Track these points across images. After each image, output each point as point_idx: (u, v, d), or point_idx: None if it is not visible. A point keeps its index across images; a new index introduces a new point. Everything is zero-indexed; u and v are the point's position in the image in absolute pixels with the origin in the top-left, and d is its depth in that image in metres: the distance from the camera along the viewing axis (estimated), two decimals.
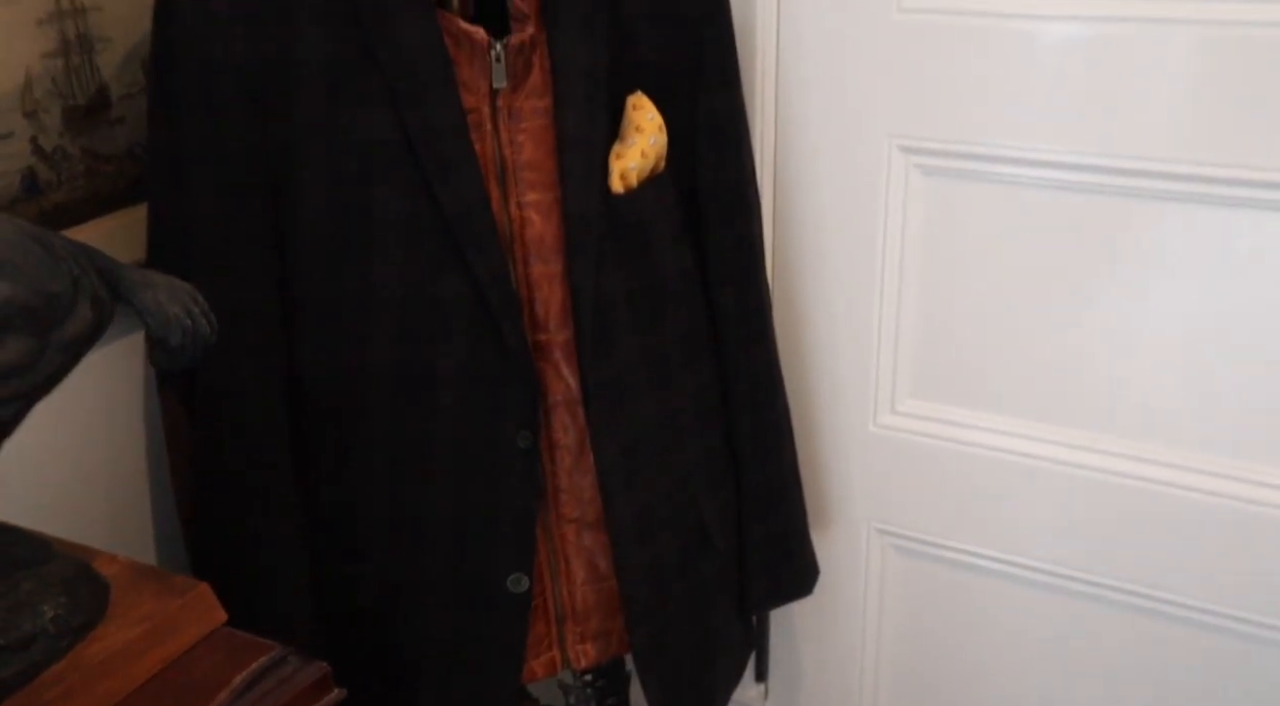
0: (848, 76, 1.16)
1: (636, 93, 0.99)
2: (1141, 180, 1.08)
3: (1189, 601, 1.19)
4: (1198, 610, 1.19)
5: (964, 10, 1.09)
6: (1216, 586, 1.17)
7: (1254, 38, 0.99)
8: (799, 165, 1.22)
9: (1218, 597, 1.17)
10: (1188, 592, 1.19)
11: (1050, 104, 1.08)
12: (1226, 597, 1.17)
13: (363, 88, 0.89)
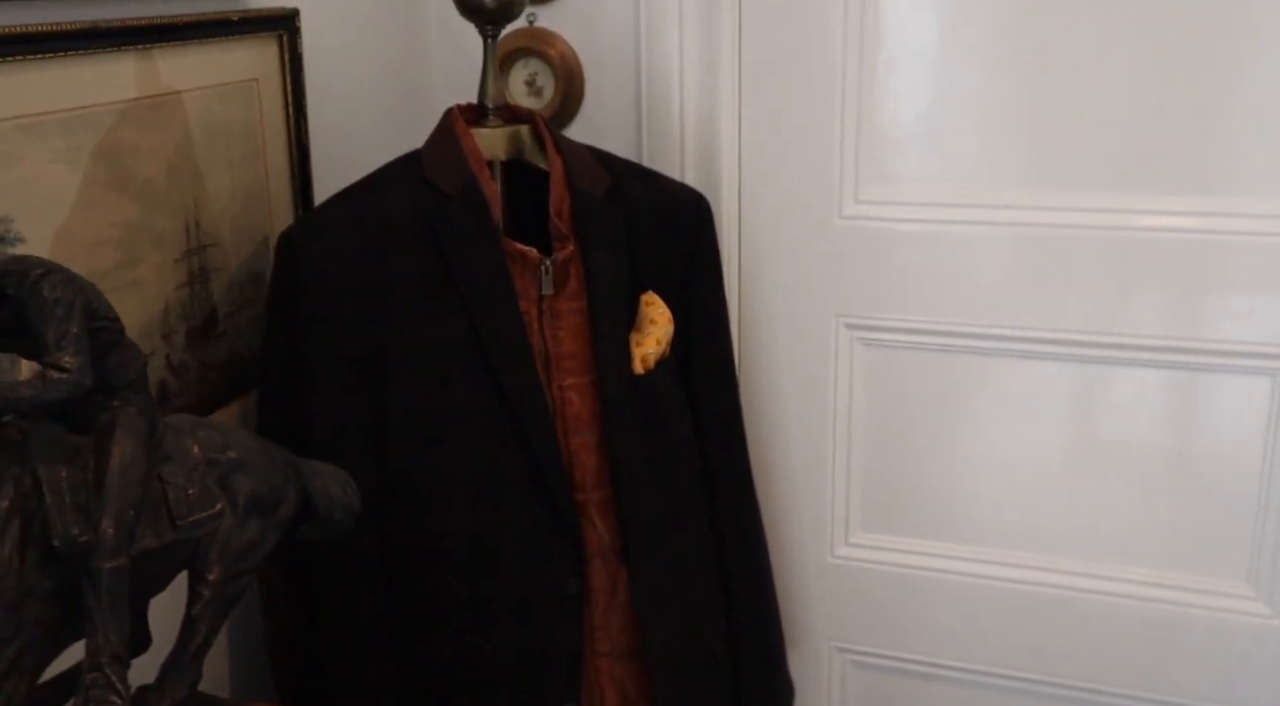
0: (800, 269, 1.43)
1: (649, 292, 1.22)
2: (1014, 344, 1.37)
3: (1112, 690, 1.43)
4: (1123, 696, 1.43)
5: (888, 217, 1.38)
6: (1124, 672, 1.42)
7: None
8: (761, 342, 1.47)
9: (1136, 684, 1.42)
10: (1110, 682, 1.43)
11: (951, 287, 1.36)
12: (1145, 683, 1.42)
13: (443, 299, 1.09)
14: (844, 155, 1.37)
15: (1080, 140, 1.29)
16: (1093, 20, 1.25)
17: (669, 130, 1.40)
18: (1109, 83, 1.26)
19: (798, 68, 1.36)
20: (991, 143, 1.32)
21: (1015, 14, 1.27)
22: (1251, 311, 1.26)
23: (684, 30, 1.37)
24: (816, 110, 1.37)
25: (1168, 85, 1.24)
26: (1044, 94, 1.29)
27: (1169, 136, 1.26)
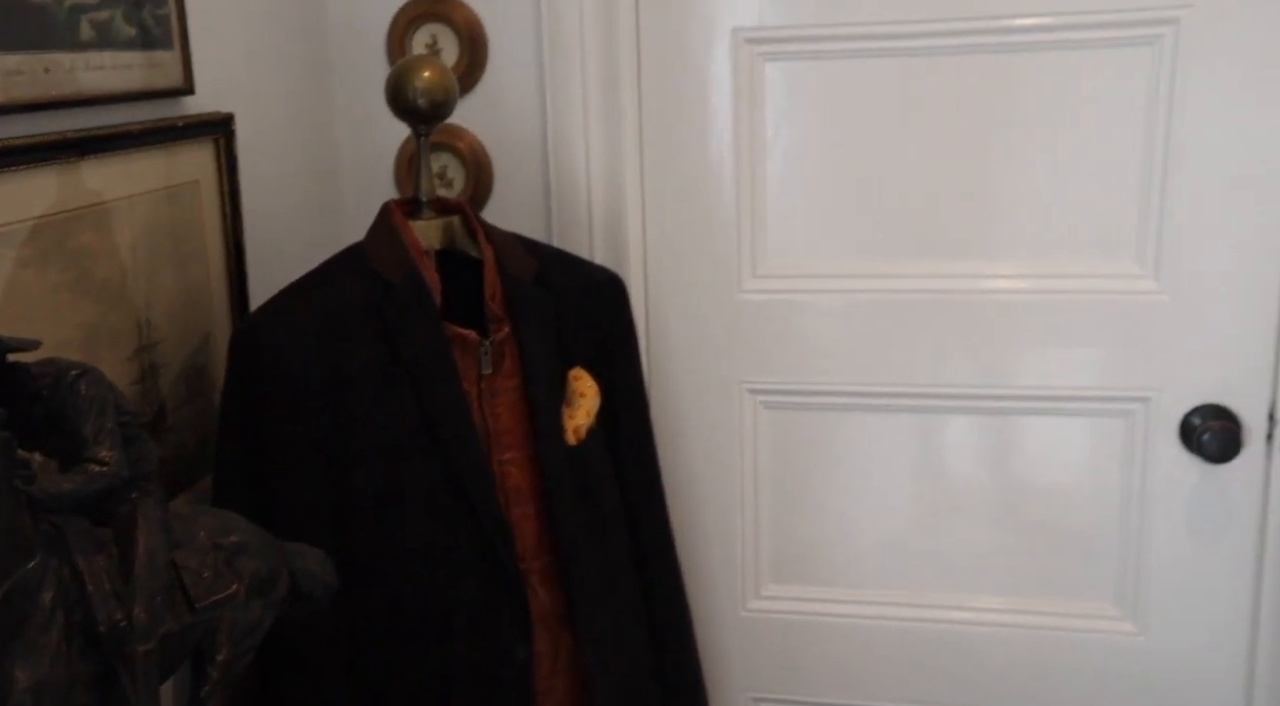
0: (705, 341, 1.53)
1: (577, 368, 1.31)
2: (889, 400, 1.50)
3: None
4: None
5: (782, 289, 1.50)
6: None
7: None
8: (672, 410, 1.56)
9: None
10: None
11: (834, 350, 1.49)
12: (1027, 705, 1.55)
13: (394, 382, 1.15)
14: (740, 235, 1.50)
15: (932, 217, 1.45)
16: (934, 119, 1.41)
17: (578, 215, 1.50)
18: (949, 169, 1.43)
19: (695, 156, 1.48)
20: (861, 221, 1.47)
21: (874, 114, 1.43)
22: (1104, 359, 1.43)
23: (589, 122, 1.47)
24: (714, 194, 1.49)
25: (995, 174, 1.41)
26: (902, 179, 1.44)
27: (1002, 210, 1.42)
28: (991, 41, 1.38)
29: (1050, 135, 1.39)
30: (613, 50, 1.45)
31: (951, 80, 1.40)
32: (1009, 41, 1.38)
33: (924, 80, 1.41)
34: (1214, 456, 1.39)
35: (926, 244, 1.46)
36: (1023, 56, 1.38)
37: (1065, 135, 1.39)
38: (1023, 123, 1.40)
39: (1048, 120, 1.39)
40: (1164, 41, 1.33)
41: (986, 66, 1.39)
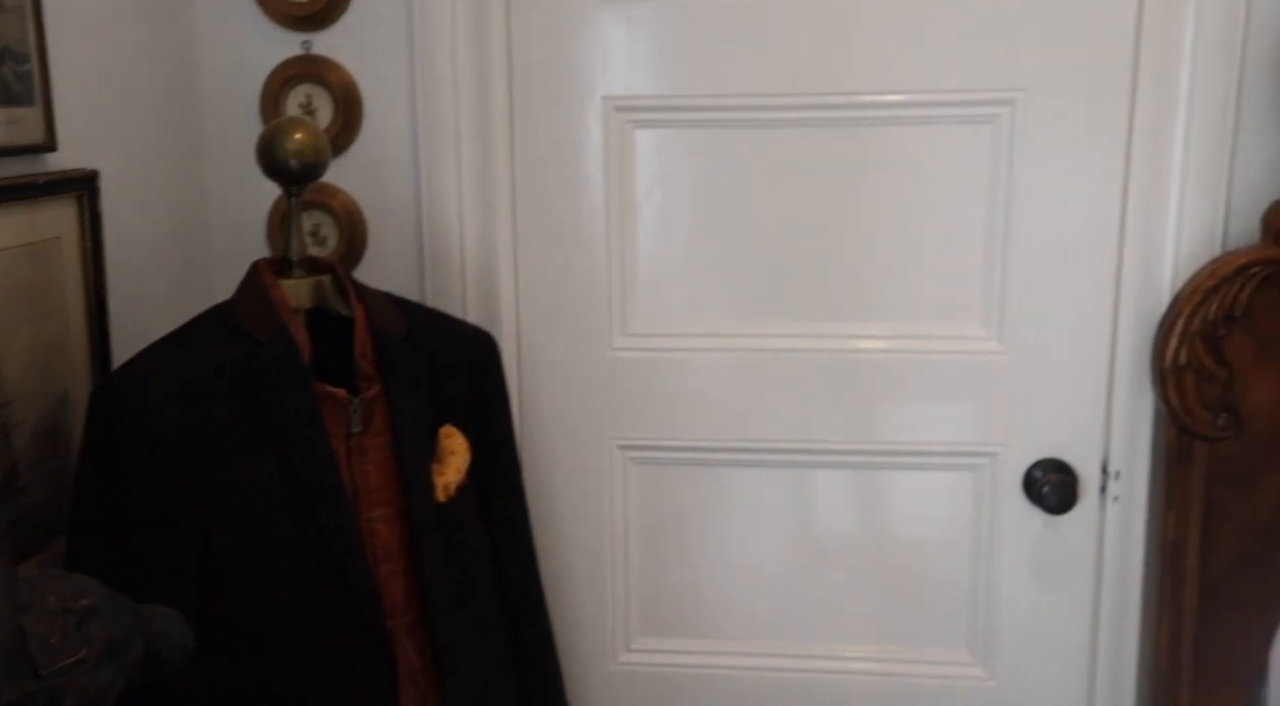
0: (576, 398, 1.57)
1: (447, 425, 1.32)
2: (752, 455, 1.55)
3: None
4: None
5: (652, 347, 1.55)
6: None
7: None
8: (543, 467, 1.58)
9: None
10: None
11: (702, 407, 1.54)
12: None
13: (260, 442, 1.15)
14: (611, 294, 1.54)
15: (798, 279, 1.51)
16: (797, 186, 1.48)
17: (451, 274, 1.53)
18: (813, 234, 1.49)
19: (568, 217, 1.52)
20: (729, 282, 1.53)
21: (741, 180, 1.49)
22: (953, 416, 1.51)
23: (463, 183, 1.50)
24: (586, 255, 1.53)
25: (855, 240, 1.49)
26: (768, 242, 1.51)
27: (862, 274, 1.50)
28: (848, 115, 1.46)
29: (904, 204, 1.47)
30: (486, 113, 1.49)
31: (812, 150, 1.48)
32: (864, 116, 1.46)
33: (786, 149, 1.48)
34: (1054, 508, 1.47)
35: (792, 305, 1.52)
36: (877, 130, 1.46)
37: (918, 205, 1.47)
38: (879, 192, 1.48)
39: (902, 190, 1.47)
40: (1002, 121, 1.42)
41: (844, 138, 1.47)
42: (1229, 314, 1.36)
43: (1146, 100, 1.39)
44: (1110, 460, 1.48)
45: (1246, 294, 1.36)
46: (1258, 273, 1.35)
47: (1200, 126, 1.37)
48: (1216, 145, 1.38)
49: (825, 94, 1.46)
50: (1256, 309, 1.36)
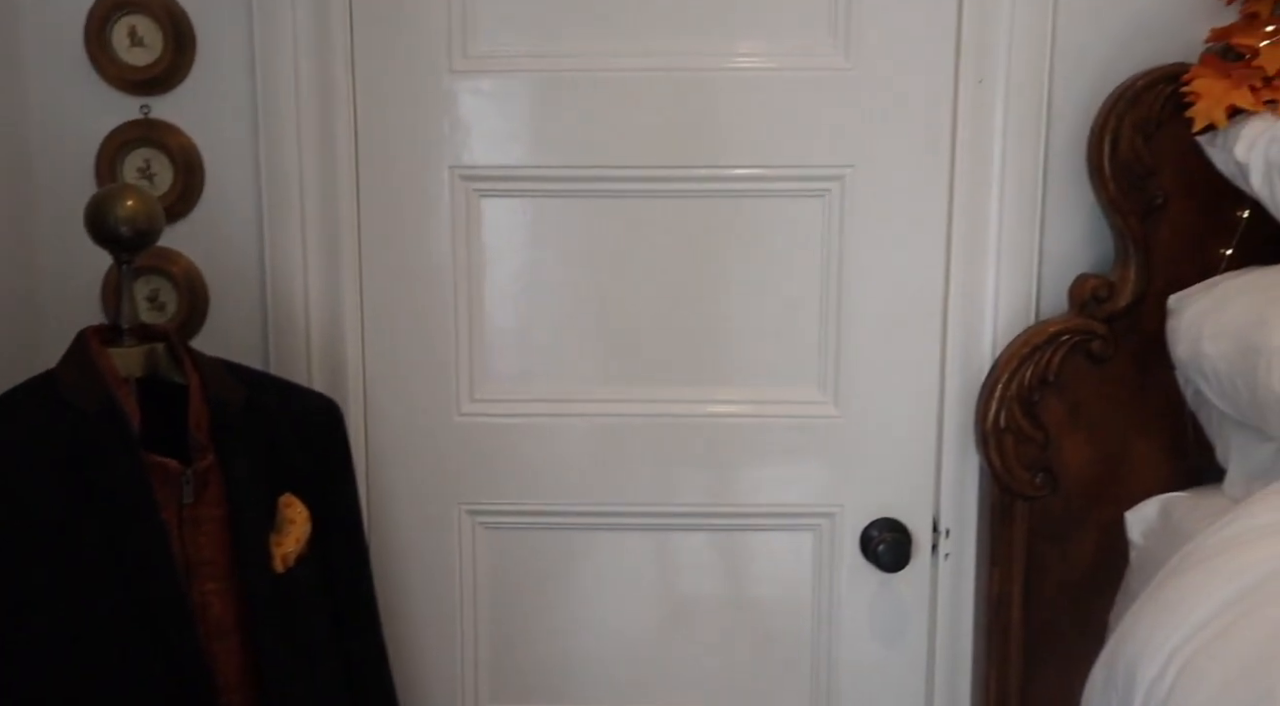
0: (424, 464, 1.56)
1: (287, 494, 1.30)
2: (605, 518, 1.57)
3: None
4: None
5: (499, 413, 1.56)
6: None
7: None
8: (390, 533, 1.57)
9: None
10: None
11: (553, 471, 1.55)
12: None
13: (85, 516, 1.11)
14: (459, 359, 1.55)
15: (646, 345, 1.55)
16: (644, 254, 1.52)
17: (295, 341, 1.51)
18: (660, 301, 1.53)
19: (415, 284, 1.53)
20: (579, 348, 1.55)
21: (588, 248, 1.53)
22: (792, 479, 1.56)
23: (307, 249, 1.50)
24: (434, 321, 1.53)
25: (700, 307, 1.53)
26: (618, 309, 1.54)
27: (709, 339, 1.54)
28: (692, 187, 1.51)
29: (748, 273, 1.52)
30: (333, 180, 1.49)
31: (659, 220, 1.52)
32: (706, 188, 1.51)
33: (635, 219, 1.52)
34: (889, 566, 1.53)
35: (642, 370, 1.55)
36: (720, 201, 1.52)
37: (760, 274, 1.52)
38: (725, 261, 1.53)
39: (745, 260, 1.53)
40: (832, 195, 1.50)
41: (690, 209, 1.52)
42: (1043, 379, 1.45)
43: (964, 179, 1.48)
44: (941, 518, 1.55)
45: (1057, 360, 1.45)
46: (1066, 340, 1.45)
47: (1012, 205, 1.47)
48: (1027, 222, 1.47)
49: (670, 166, 1.51)
50: (1067, 374, 1.45)
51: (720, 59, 1.48)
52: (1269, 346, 1.19)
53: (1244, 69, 1.33)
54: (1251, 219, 1.38)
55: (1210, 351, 1.29)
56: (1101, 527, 1.47)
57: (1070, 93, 1.46)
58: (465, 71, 1.48)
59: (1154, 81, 1.40)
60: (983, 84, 1.45)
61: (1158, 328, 1.41)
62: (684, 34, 1.48)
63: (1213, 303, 1.33)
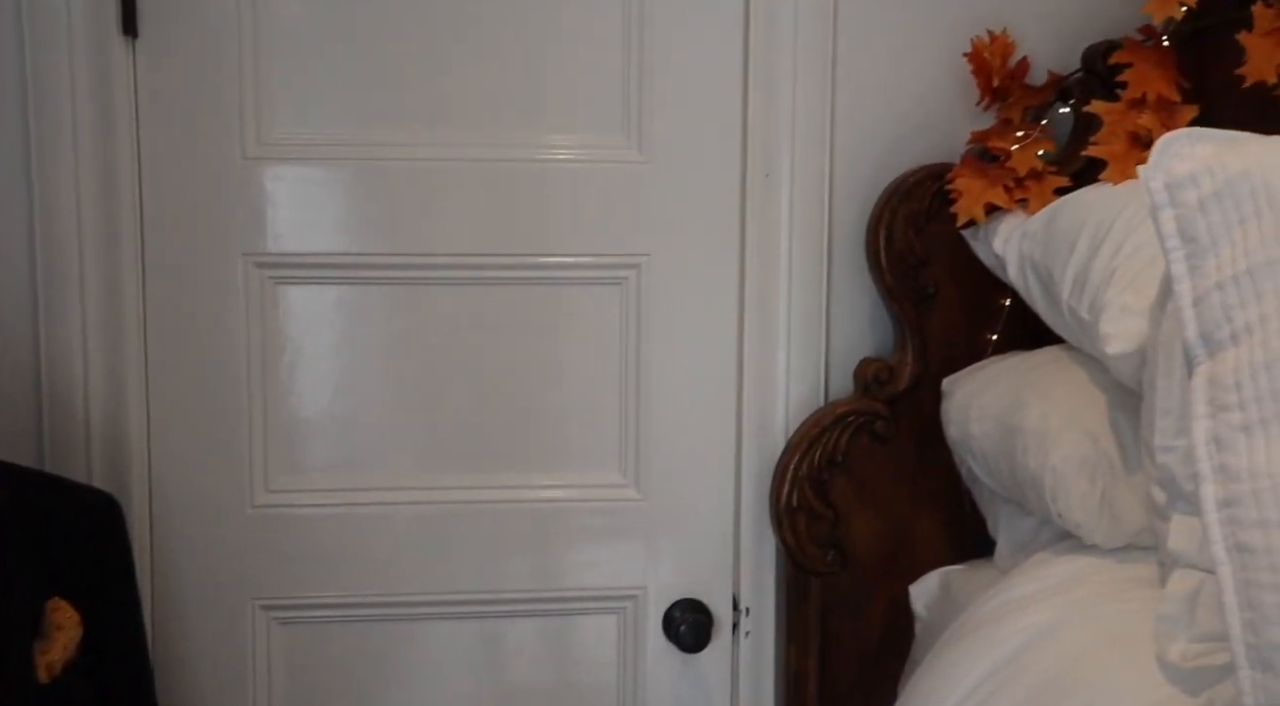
0: (215, 559, 1.50)
1: (55, 598, 1.23)
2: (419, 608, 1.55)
3: None
4: None
5: (298, 504, 1.52)
6: None
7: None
8: (176, 631, 1.50)
9: None
10: None
11: (358, 562, 1.52)
12: None
13: None
14: (253, 449, 1.50)
15: (454, 431, 1.54)
16: (442, 340, 1.52)
17: (73, 436, 1.44)
18: (473, 388, 1.54)
19: (207, 372, 1.49)
20: (384, 434, 1.53)
21: (385, 333, 1.52)
22: (596, 562, 1.57)
23: (87, 337, 1.44)
24: (224, 409, 1.49)
25: (497, 394, 1.54)
26: (417, 394, 1.53)
27: (511, 424, 1.55)
28: (497, 275, 1.53)
29: (552, 359, 1.54)
30: (115, 266, 1.44)
31: (466, 307, 1.53)
32: (511, 276, 1.53)
33: (442, 305, 1.52)
34: (691, 646, 1.55)
35: (453, 456, 1.54)
36: (526, 289, 1.53)
37: (564, 360, 1.54)
38: (531, 347, 1.54)
39: (550, 346, 1.54)
40: (629, 283, 1.54)
41: (496, 296, 1.53)
42: (831, 459, 1.51)
43: (754, 268, 1.54)
44: (741, 597, 1.58)
45: (844, 441, 1.51)
46: (852, 421, 1.51)
47: (800, 292, 1.54)
48: (814, 309, 1.55)
49: (477, 254, 1.52)
50: (853, 454, 1.51)
51: (525, 151, 1.51)
52: (1024, 428, 1.27)
53: (999, 170, 1.44)
54: (1013, 306, 1.49)
55: (977, 432, 1.37)
56: (890, 601, 1.53)
57: (850, 187, 1.55)
58: (260, 157, 1.47)
59: (923, 179, 1.50)
60: (769, 178, 1.53)
61: (935, 408, 1.49)
62: (489, 125, 1.50)
63: (979, 385, 1.41)
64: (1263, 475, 0.86)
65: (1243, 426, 0.88)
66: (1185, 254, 0.94)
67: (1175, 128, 1.34)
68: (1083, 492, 1.20)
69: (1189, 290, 0.94)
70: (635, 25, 1.50)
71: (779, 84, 1.51)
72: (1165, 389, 1.05)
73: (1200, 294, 0.93)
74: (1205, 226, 0.93)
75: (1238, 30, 1.35)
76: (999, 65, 1.49)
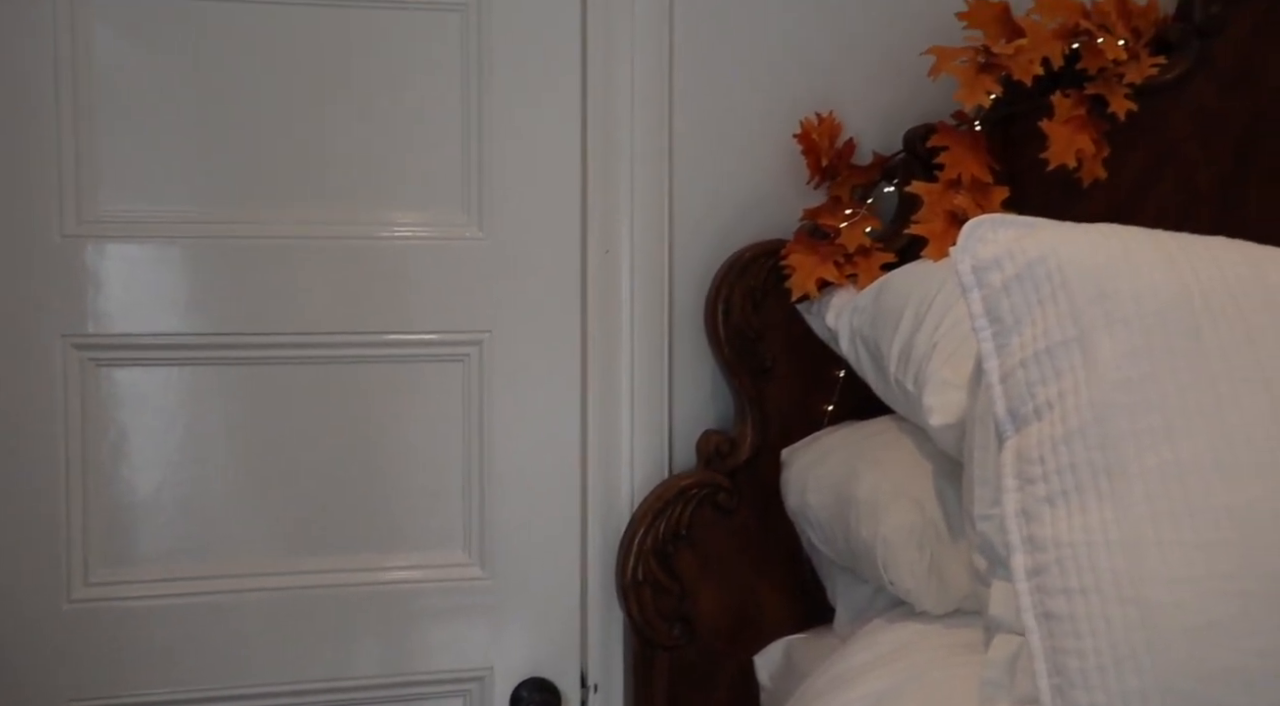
0: (24, 658, 1.41)
1: None
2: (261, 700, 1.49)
3: None
4: None
5: (124, 596, 1.45)
6: None
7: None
8: None
9: None
10: None
11: (194, 654, 1.46)
12: None
13: None
14: (70, 539, 1.43)
15: (299, 513, 1.50)
16: (290, 422, 1.49)
17: None
18: (316, 469, 1.50)
19: (19, 461, 1.41)
20: (224, 519, 1.48)
21: (224, 416, 1.48)
22: (443, 644, 1.53)
23: None
24: (38, 498, 1.41)
25: (335, 475, 1.51)
26: (261, 475, 1.48)
27: (363, 508, 1.52)
28: (341, 353, 1.49)
29: (398, 438, 1.51)
30: None
31: (308, 385, 1.49)
32: (354, 354, 1.49)
33: (284, 385, 1.48)
34: None
35: (300, 539, 1.50)
36: (370, 367, 1.51)
37: (409, 439, 1.52)
38: (376, 426, 1.51)
39: (395, 424, 1.51)
40: (472, 360, 1.53)
41: (340, 374, 1.49)
42: (675, 532, 1.52)
43: (596, 343, 1.55)
44: (589, 674, 1.57)
45: (688, 514, 1.52)
46: (695, 494, 1.53)
47: (642, 366, 1.56)
48: (657, 382, 1.57)
49: (320, 333, 1.49)
50: (697, 526, 1.53)
51: (367, 228, 1.49)
52: (857, 498, 1.31)
53: (830, 246, 1.49)
54: (848, 377, 1.53)
55: (814, 502, 1.40)
56: (738, 671, 1.54)
57: (690, 263, 1.58)
58: (80, 235, 1.41)
59: (758, 254, 1.54)
60: (609, 254, 1.55)
61: (775, 479, 1.52)
62: (331, 202, 1.48)
63: (816, 456, 1.45)
64: (1065, 544, 0.90)
65: (1047, 498, 0.92)
66: (992, 332, 0.99)
67: (989, 207, 1.43)
68: (912, 560, 1.24)
69: (996, 367, 0.99)
70: (475, 103, 1.51)
71: (618, 162, 1.54)
72: (981, 460, 1.09)
73: (1006, 371, 0.98)
74: (1009, 307, 0.98)
75: (1041, 117, 1.45)
76: (827, 146, 1.55)
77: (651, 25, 1.54)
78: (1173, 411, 0.90)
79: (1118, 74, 1.47)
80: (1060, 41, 1.45)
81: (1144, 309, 0.94)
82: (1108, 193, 1.51)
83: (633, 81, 1.54)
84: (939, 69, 1.45)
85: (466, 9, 1.50)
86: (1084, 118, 1.46)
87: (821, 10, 1.60)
